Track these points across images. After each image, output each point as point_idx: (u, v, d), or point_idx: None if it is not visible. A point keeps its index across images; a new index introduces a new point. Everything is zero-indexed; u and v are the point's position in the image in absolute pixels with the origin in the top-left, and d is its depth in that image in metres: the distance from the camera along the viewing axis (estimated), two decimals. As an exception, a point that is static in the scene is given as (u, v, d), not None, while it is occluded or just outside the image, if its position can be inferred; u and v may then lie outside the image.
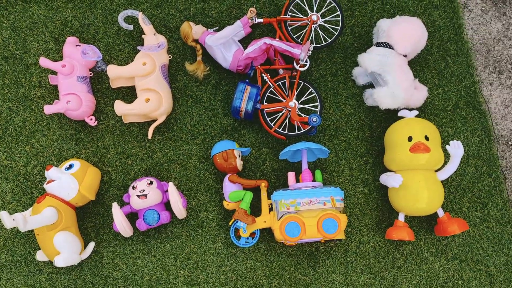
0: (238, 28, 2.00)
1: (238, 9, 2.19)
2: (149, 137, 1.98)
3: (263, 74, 2.03)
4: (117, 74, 1.97)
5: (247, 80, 1.99)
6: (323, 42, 2.11)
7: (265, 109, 1.99)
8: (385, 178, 1.91)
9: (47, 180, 1.84)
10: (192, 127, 2.07)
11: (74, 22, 2.13)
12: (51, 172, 1.80)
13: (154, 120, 2.01)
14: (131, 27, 2.06)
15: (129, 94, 2.08)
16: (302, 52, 1.94)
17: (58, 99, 2.00)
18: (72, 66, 1.96)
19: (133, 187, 1.87)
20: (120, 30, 2.13)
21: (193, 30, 2.06)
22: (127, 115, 2.02)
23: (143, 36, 2.07)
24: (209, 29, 2.09)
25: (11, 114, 2.03)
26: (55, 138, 2.02)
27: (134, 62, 2.00)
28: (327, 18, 2.14)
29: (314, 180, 1.91)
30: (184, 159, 2.04)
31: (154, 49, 1.96)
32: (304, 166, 1.91)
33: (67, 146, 2.02)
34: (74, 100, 1.93)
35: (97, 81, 2.09)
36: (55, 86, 2.06)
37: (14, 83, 2.07)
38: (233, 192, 1.89)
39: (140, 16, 2.03)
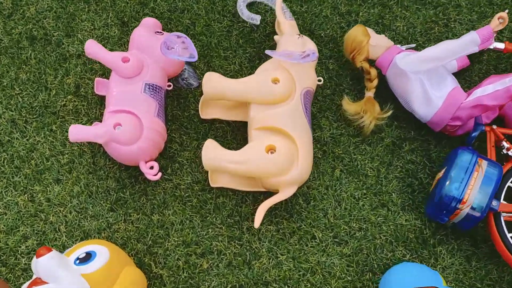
0: (471, 46, 1.04)
1: (443, 26, 1.27)
2: (256, 224, 1.00)
3: (504, 144, 1.04)
4: (219, 92, 1.05)
5: (470, 148, 1.02)
6: None
7: (507, 214, 0.98)
8: None
9: (33, 277, 0.88)
10: (337, 220, 1.08)
11: (160, 2, 1.28)
12: (45, 263, 0.84)
13: (270, 193, 1.04)
14: (257, 19, 1.18)
15: (228, 134, 1.15)
16: None
17: (101, 121, 1.09)
18: (139, 64, 1.07)
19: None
20: (235, 24, 1.26)
21: (371, 41, 1.14)
22: (220, 173, 1.07)
23: (276, 37, 1.18)
24: (399, 45, 1.17)
25: (13, 132, 1.14)
26: (76, 191, 1.09)
27: (256, 74, 1.08)
28: None
29: None
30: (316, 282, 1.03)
31: (296, 58, 1.04)
32: None
33: (94, 210, 1.07)
34: (128, 124, 1.01)
35: (176, 102, 1.18)
36: (102, 99, 1.16)
37: (35, 81, 1.19)
38: None
39: (279, 3, 1.15)
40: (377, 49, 1.13)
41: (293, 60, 1.03)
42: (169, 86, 1.15)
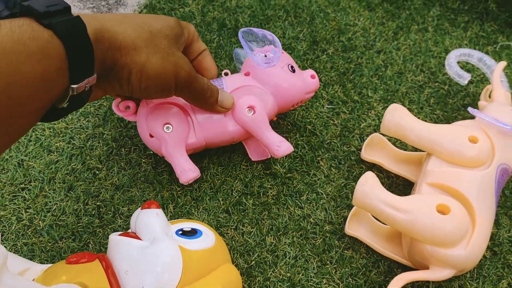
0: None
1: None
2: (386, 294, 0.83)
3: None
4: (401, 129, 0.92)
5: None
6: None
7: None
8: None
9: (128, 231, 0.82)
10: None
11: (358, 36, 1.25)
12: (148, 217, 0.77)
13: (410, 270, 0.87)
14: (466, 78, 1.07)
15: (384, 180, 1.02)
16: None
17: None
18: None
19: None
20: (431, 82, 1.16)
21: None
22: (364, 220, 0.94)
23: (481, 102, 1.04)
24: None
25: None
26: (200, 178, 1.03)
27: (450, 125, 0.95)
28: None
29: None
30: None
31: (508, 124, 0.90)
32: None
33: (209, 204, 0.99)
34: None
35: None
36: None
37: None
38: None
39: (499, 69, 1.04)
40: None
41: (503, 125, 0.89)
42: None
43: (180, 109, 0.84)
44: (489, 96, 1.05)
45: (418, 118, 1.11)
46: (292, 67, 0.89)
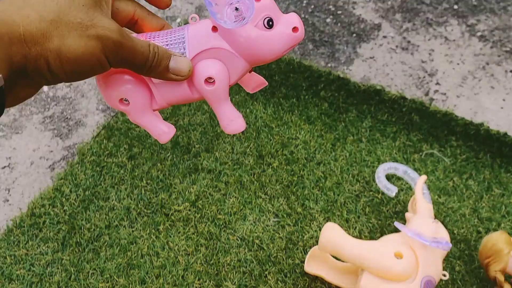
0: None
1: None
2: None
3: None
4: (335, 247, 1.02)
5: None
6: None
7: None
8: None
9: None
10: None
11: (301, 149, 1.38)
12: None
13: None
14: (394, 191, 1.20)
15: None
16: None
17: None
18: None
19: None
20: (366, 191, 1.28)
21: (514, 254, 1.07)
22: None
23: (408, 214, 1.17)
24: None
25: (124, 220, 1.21)
26: None
27: (379, 241, 1.05)
28: None
29: None
30: None
31: (427, 239, 1.01)
32: None
33: None
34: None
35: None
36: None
37: (162, 180, 1.30)
38: None
39: (421, 183, 1.17)
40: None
41: (423, 240, 1.01)
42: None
43: (133, 77, 0.72)
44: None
45: (355, 227, 1.22)
46: (269, 21, 0.67)
